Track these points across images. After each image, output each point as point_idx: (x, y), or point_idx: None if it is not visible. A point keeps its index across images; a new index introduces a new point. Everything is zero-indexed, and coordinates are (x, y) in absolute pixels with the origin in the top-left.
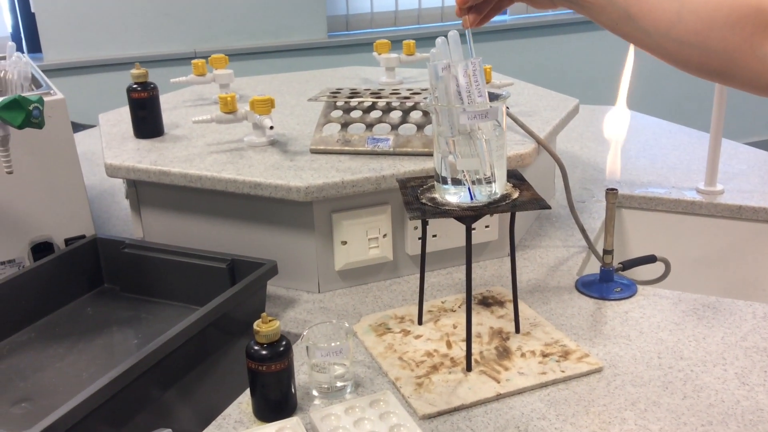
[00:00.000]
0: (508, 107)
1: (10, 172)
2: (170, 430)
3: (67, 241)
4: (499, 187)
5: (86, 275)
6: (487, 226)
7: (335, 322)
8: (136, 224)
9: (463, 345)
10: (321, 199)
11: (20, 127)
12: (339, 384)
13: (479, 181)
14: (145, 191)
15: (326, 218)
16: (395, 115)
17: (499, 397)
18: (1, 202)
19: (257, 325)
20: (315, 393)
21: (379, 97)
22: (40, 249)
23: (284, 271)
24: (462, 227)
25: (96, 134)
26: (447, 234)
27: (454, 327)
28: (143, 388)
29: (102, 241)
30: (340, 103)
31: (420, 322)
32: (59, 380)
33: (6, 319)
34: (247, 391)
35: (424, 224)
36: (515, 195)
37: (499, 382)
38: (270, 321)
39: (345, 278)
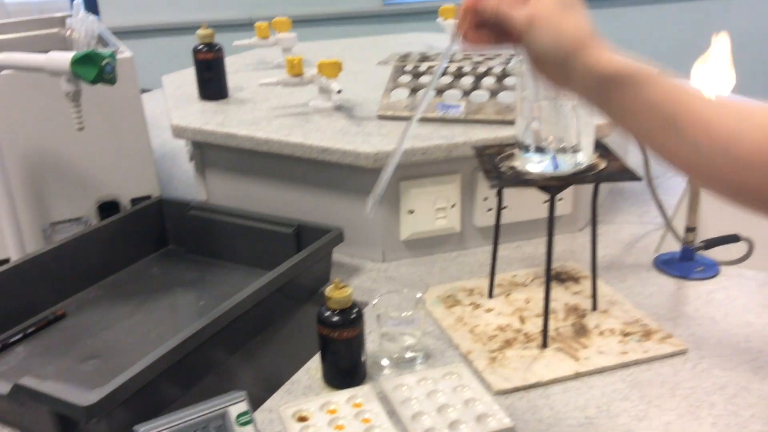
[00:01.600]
0: None
1: (81, 129)
2: (244, 392)
3: (133, 201)
4: (585, 156)
5: (152, 235)
6: (560, 199)
7: (406, 292)
8: (200, 187)
9: (537, 321)
10: None
11: (93, 82)
12: (409, 355)
13: (564, 150)
14: (209, 153)
15: (393, 186)
16: (467, 81)
17: (577, 376)
18: (70, 159)
19: (329, 291)
20: (384, 362)
21: (450, 62)
22: (107, 208)
23: (349, 239)
24: (535, 199)
25: (153, 98)
26: (517, 206)
27: (527, 302)
28: (210, 350)
29: (167, 202)
30: (409, 68)
31: (491, 296)
32: (127, 338)
33: (73, 275)
34: (316, 358)
35: (500, 194)
36: (602, 165)
37: (577, 360)
38: (342, 287)
39: (410, 248)
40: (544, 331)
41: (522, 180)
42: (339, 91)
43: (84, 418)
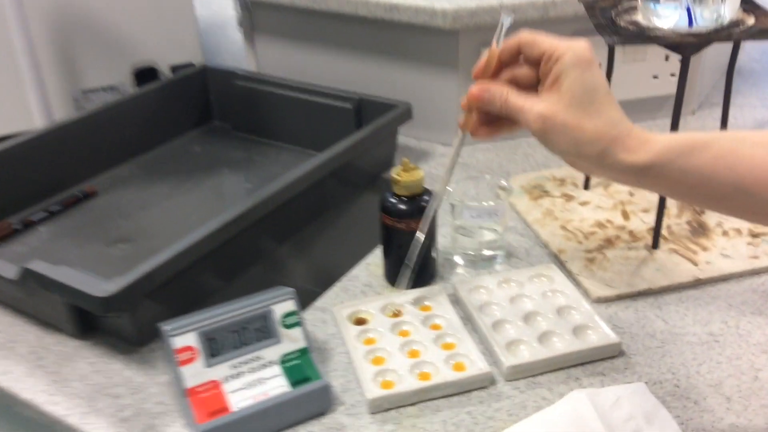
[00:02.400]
0: None
1: None
2: (292, 289)
3: (174, 69)
4: (729, 10)
5: (194, 109)
6: (673, 75)
7: (489, 178)
8: (249, 55)
9: (644, 216)
10: (471, 28)
11: None
12: (488, 252)
13: (704, 1)
14: (261, 16)
15: (473, 53)
16: None
17: (697, 283)
18: (103, 18)
19: (397, 173)
20: (458, 261)
21: None
22: (144, 75)
23: (418, 118)
24: (643, 74)
25: None
26: (619, 83)
27: (631, 194)
28: (256, 238)
29: (212, 70)
30: None
31: (586, 187)
32: (162, 222)
33: (106, 150)
34: (377, 252)
35: (612, 55)
36: (750, 22)
37: (696, 265)
38: (413, 169)
39: None
40: (657, 228)
41: (648, 36)
42: None
43: (101, 310)
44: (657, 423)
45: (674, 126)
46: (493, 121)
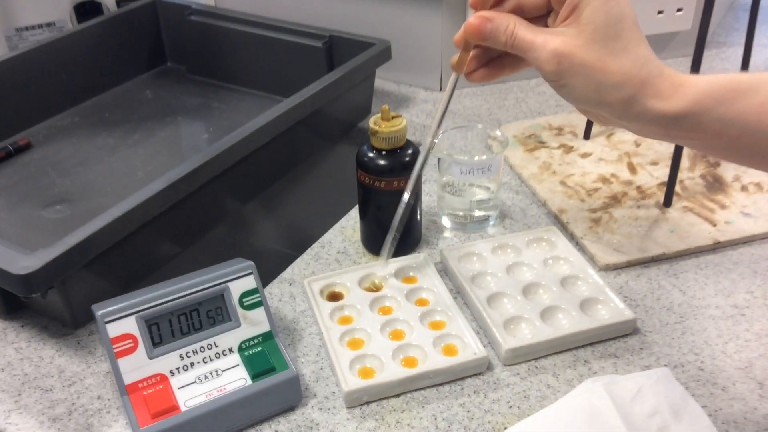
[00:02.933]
0: None
1: None
2: (251, 263)
3: (120, 2)
4: None
5: (144, 49)
6: (679, 10)
7: (480, 127)
8: None
9: (653, 170)
10: None
11: None
12: (479, 213)
13: None
14: None
15: None
16: None
17: (717, 247)
18: None
19: (375, 122)
20: (446, 223)
21: None
22: (86, 10)
23: (397, 59)
24: (646, 9)
25: None
26: None
27: (637, 144)
28: (214, 197)
29: (163, 4)
30: None
31: (587, 136)
32: (107, 179)
33: (43, 96)
34: (353, 214)
35: None
36: None
37: (714, 225)
38: (394, 118)
39: None
40: (670, 183)
41: None
42: None
43: (22, 290)
44: (686, 417)
45: (696, 66)
46: (493, 61)
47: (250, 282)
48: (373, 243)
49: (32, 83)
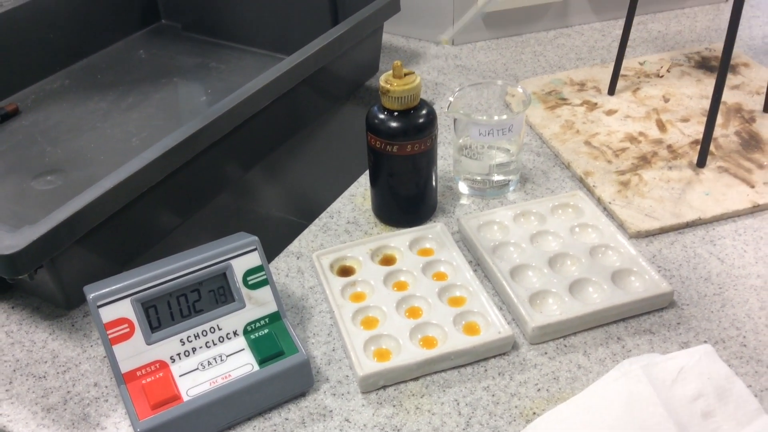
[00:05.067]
0: None
1: None
2: (255, 238)
3: None
4: None
5: (137, 5)
6: None
7: (500, 84)
8: None
9: (684, 126)
10: None
11: None
12: (499, 177)
13: None
14: None
15: None
16: None
17: (755, 210)
18: None
19: (386, 80)
20: (463, 189)
21: None
22: None
23: (406, 12)
24: None
25: None
26: None
27: (665, 100)
28: (214, 164)
29: None
30: None
31: (612, 92)
32: (100, 146)
33: (30, 57)
34: (363, 180)
35: None
36: None
37: (752, 186)
38: (406, 75)
39: (491, 26)
40: (705, 141)
41: None
42: None
43: (7, 272)
44: (732, 400)
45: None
46: None
47: (254, 259)
48: (385, 212)
49: (18, 44)
